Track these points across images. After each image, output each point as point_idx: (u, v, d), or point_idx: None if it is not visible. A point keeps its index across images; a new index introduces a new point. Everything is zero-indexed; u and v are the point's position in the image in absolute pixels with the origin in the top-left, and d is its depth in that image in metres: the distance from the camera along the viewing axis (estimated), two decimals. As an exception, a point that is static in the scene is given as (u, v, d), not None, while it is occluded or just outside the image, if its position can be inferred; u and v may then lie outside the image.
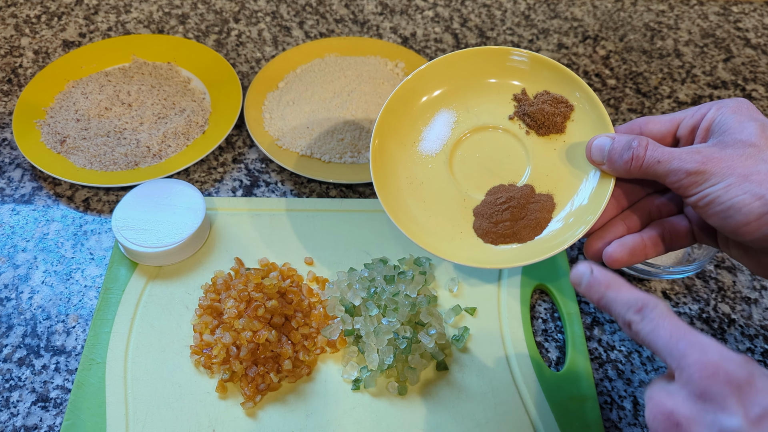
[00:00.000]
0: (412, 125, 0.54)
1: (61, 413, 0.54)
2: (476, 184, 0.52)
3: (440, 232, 0.51)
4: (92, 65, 0.81)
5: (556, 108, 0.51)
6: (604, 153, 0.45)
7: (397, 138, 0.53)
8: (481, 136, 0.53)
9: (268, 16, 0.92)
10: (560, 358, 0.58)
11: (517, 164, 0.52)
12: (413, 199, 0.52)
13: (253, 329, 0.54)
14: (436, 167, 0.53)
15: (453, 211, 0.51)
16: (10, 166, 0.72)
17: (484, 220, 0.49)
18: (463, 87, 0.54)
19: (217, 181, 0.71)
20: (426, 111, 0.54)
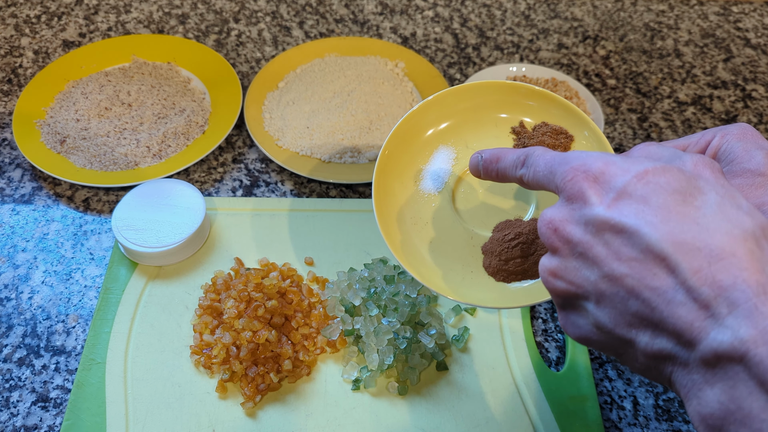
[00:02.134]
0: (412, 163, 0.53)
1: (61, 413, 0.54)
2: (482, 221, 0.50)
3: (451, 273, 0.49)
4: (92, 65, 0.81)
5: (556, 140, 0.50)
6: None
7: (399, 177, 0.52)
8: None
9: (268, 16, 0.92)
10: (560, 358, 0.58)
11: (522, 198, 0.51)
12: (420, 239, 0.50)
13: (253, 329, 0.54)
14: (440, 205, 0.51)
15: (461, 250, 0.50)
16: (10, 166, 0.72)
17: (494, 257, 0.47)
18: (461, 122, 0.53)
19: (217, 181, 0.71)
20: (425, 148, 0.53)
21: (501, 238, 0.47)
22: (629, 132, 0.79)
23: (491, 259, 0.47)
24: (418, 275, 0.48)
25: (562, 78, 0.81)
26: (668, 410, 0.56)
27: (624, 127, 0.79)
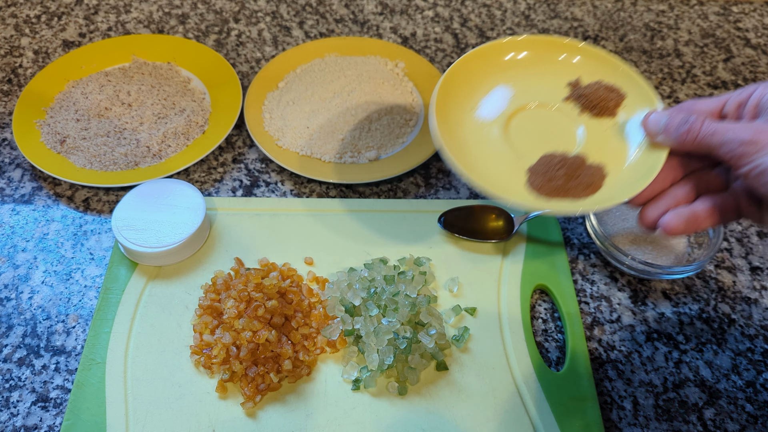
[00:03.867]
0: (471, 94, 0.58)
1: (61, 413, 0.54)
2: (531, 150, 0.54)
3: (497, 184, 0.52)
4: (92, 65, 0.81)
5: (609, 94, 0.55)
6: (660, 125, 0.48)
7: (456, 102, 0.57)
8: (536, 112, 0.57)
9: (268, 16, 0.92)
10: (560, 358, 0.58)
11: (570, 138, 0.55)
12: (469, 157, 0.54)
13: (253, 329, 0.54)
14: (492, 132, 0.56)
15: (509, 170, 0.53)
16: (10, 166, 0.72)
17: (539, 176, 0.52)
18: (522, 67, 0.59)
19: (217, 181, 0.71)
20: (485, 83, 0.58)
21: (548, 161, 0.53)
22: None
23: (536, 178, 0.52)
24: (471, 174, 0.51)
25: None
26: (668, 410, 0.56)
27: (624, 127, 0.79)
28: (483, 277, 0.62)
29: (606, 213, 0.67)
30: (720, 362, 0.59)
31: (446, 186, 0.72)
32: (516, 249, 0.64)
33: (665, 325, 0.61)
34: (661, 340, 0.60)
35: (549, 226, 0.66)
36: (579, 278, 0.64)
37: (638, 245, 0.64)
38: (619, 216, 0.67)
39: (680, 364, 0.58)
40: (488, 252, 0.64)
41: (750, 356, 0.59)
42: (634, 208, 0.53)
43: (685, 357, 0.59)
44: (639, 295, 0.63)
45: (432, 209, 0.67)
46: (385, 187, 0.71)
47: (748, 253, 0.67)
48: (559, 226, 0.66)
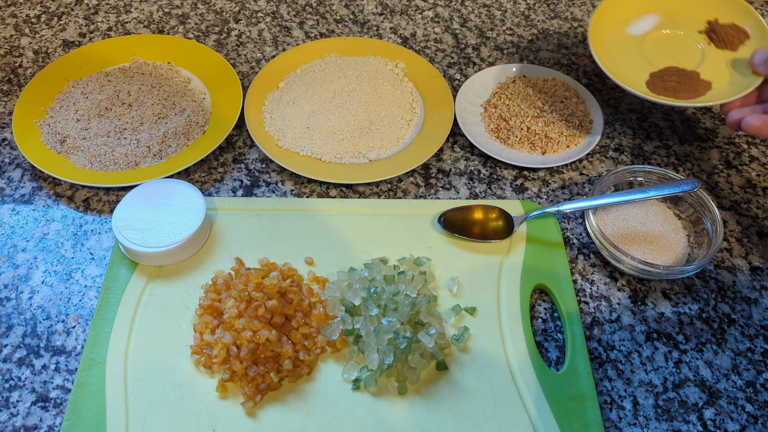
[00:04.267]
0: (626, 15, 0.77)
1: (61, 413, 0.54)
2: (658, 61, 0.74)
3: (622, 76, 0.71)
4: (92, 65, 0.81)
5: (737, 33, 0.73)
6: (762, 59, 0.65)
7: (612, 18, 0.76)
8: (672, 35, 0.76)
9: (269, 17, 0.92)
10: (560, 358, 0.58)
11: (693, 59, 0.73)
12: (609, 57, 0.73)
13: (254, 329, 0.54)
14: (634, 44, 0.75)
15: (637, 70, 0.73)
16: (10, 166, 0.72)
17: (656, 78, 0.71)
18: (669, 5, 0.77)
19: (218, 181, 0.71)
20: (640, 9, 0.77)
21: (668, 70, 0.72)
22: (629, 132, 0.79)
23: (654, 79, 0.72)
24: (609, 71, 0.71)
25: (562, 78, 0.81)
26: (668, 410, 0.56)
27: (624, 127, 0.79)
28: (483, 277, 0.62)
29: (606, 213, 0.67)
30: (720, 362, 0.59)
31: (446, 186, 0.72)
32: (516, 249, 0.64)
33: (665, 324, 0.61)
34: (661, 339, 0.60)
35: (549, 226, 0.66)
36: (579, 278, 0.64)
37: (638, 245, 0.64)
38: (619, 216, 0.67)
39: (680, 364, 0.59)
40: (488, 252, 0.64)
41: (750, 356, 0.59)
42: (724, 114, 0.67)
43: (685, 357, 0.59)
44: (639, 295, 0.63)
45: (432, 209, 0.67)
46: (385, 187, 0.71)
47: (748, 253, 0.67)
48: (558, 226, 0.66)
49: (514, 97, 0.78)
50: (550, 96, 0.78)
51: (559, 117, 0.76)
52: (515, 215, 0.66)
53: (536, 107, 0.77)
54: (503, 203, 0.68)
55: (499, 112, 0.77)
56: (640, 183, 0.68)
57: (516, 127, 0.75)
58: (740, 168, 0.75)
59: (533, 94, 0.78)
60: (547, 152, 0.74)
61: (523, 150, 0.74)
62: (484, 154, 0.75)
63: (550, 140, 0.74)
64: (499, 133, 0.75)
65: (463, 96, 0.79)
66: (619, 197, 0.63)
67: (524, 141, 0.74)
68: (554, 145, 0.74)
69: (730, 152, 0.77)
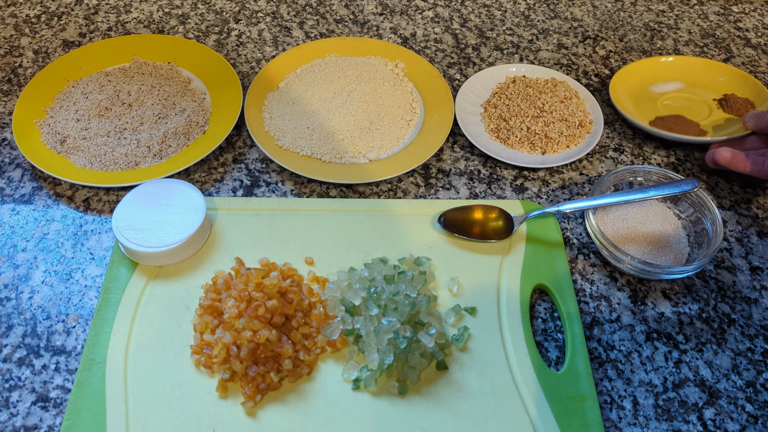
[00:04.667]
0: (656, 76, 0.85)
1: (61, 413, 0.54)
2: (668, 111, 0.81)
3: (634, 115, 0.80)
4: (92, 65, 0.81)
5: (746, 104, 0.80)
6: (750, 116, 0.72)
7: (643, 74, 0.85)
8: (689, 98, 0.83)
9: (269, 17, 0.92)
10: (560, 358, 0.58)
11: (700, 115, 0.80)
12: (629, 105, 0.82)
13: (254, 329, 0.54)
14: (652, 96, 0.83)
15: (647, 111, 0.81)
16: (10, 166, 0.72)
17: (659, 119, 0.79)
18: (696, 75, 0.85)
19: (218, 181, 0.71)
20: (668, 75, 0.85)
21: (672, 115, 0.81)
22: (629, 132, 0.79)
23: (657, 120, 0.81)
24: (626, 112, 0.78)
25: (562, 78, 0.81)
26: (668, 410, 0.56)
27: (624, 127, 0.79)
28: (483, 277, 0.62)
29: (606, 213, 0.67)
30: (720, 362, 0.59)
31: (446, 186, 0.72)
32: (516, 249, 0.64)
33: (665, 324, 0.61)
34: (661, 339, 0.60)
35: (549, 226, 0.66)
36: (578, 278, 0.64)
37: (638, 245, 0.64)
38: (619, 216, 0.67)
39: (680, 364, 0.59)
40: (488, 252, 0.64)
41: (750, 356, 0.59)
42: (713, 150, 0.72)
43: (685, 357, 0.59)
44: (638, 295, 0.63)
45: (432, 209, 0.67)
46: (385, 187, 0.71)
47: (748, 253, 0.67)
48: (558, 226, 0.66)
49: (514, 98, 0.78)
50: (550, 96, 0.78)
51: (558, 117, 0.76)
52: (515, 215, 0.66)
53: (536, 107, 0.77)
54: (503, 203, 0.68)
55: (499, 112, 0.77)
56: (640, 183, 0.68)
57: (516, 127, 0.75)
58: (740, 168, 0.75)
59: (533, 94, 0.78)
60: (547, 152, 0.74)
61: (523, 150, 0.74)
62: (484, 154, 0.75)
63: (550, 140, 0.74)
64: (499, 133, 0.76)
65: (463, 96, 0.79)
66: (619, 197, 0.64)
67: (524, 141, 0.75)
68: (554, 145, 0.74)
69: (730, 152, 0.77)
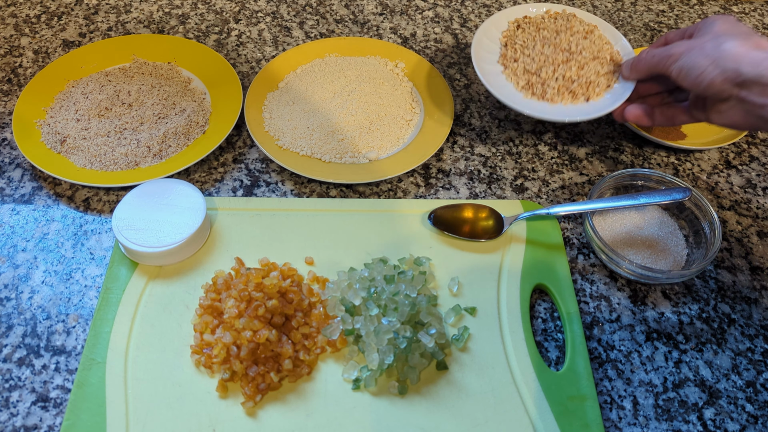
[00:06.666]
0: None
1: (61, 413, 0.54)
2: None
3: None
4: (92, 65, 0.81)
5: None
6: (628, 65, 0.68)
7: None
8: None
9: (269, 17, 0.92)
10: (560, 358, 0.58)
11: None
12: None
13: (254, 329, 0.54)
14: None
15: None
16: (10, 166, 0.72)
17: None
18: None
19: (218, 181, 0.71)
20: None
21: None
22: (629, 131, 0.79)
23: None
24: None
25: (571, 10, 0.77)
26: (668, 410, 0.56)
27: (624, 127, 0.79)
28: (483, 277, 0.62)
29: (603, 217, 0.67)
30: (720, 362, 0.59)
31: (446, 186, 0.72)
32: (516, 249, 0.64)
33: (665, 324, 0.61)
34: (661, 339, 0.60)
35: (549, 226, 0.66)
36: (578, 278, 0.64)
37: (636, 249, 0.64)
38: (617, 220, 0.67)
39: (680, 364, 0.59)
40: (488, 251, 0.64)
41: (750, 356, 0.59)
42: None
43: (685, 357, 0.59)
44: (638, 295, 0.63)
45: (432, 209, 0.67)
46: (385, 187, 0.71)
47: (748, 253, 0.67)
48: (558, 226, 0.66)
49: (532, 45, 0.71)
50: (569, 34, 0.71)
51: (590, 56, 0.69)
52: (506, 215, 0.65)
53: (562, 50, 0.69)
54: (502, 203, 0.68)
55: (523, 66, 0.70)
56: (641, 185, 0.68)
57: (549, 78, 0.69)
58: (740, 168, 0.75)
59: (550, 36, 0.71)
60: (591, 98, 0.68)
61: (566, 102, 0.68)
62: (483, 154, 0.75)
63: (590, 83, 0.68)
64: (533, 89, 0.69)
65: (480, 56, 0.72)
66: (611, 203, 0.63)
67: (563, 91, 0.69)
68: (595, 88, 0.68)
69: (730, 152, 0.77)
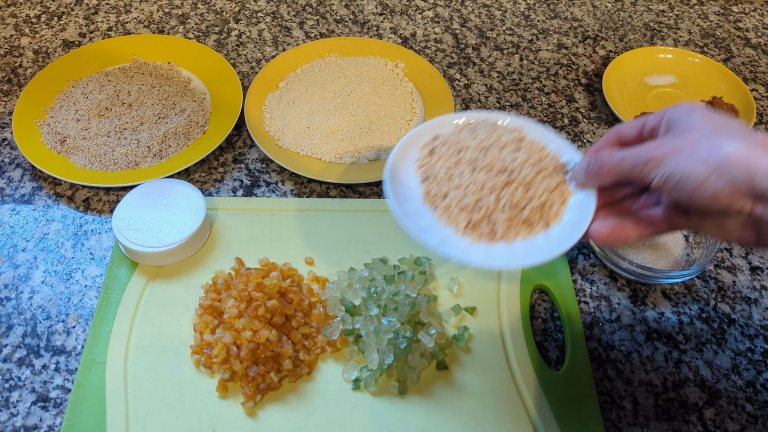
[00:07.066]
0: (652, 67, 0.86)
1: (61, 413, 0.54)
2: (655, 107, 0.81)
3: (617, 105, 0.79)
4: (92, 65, 0.81)
5: (730, 111, 0.79)
6: (582, 172, 0.50)
7: (640, 64, 0.86)
8: (678, 95, 0.84)
9: (269, 17, 0.92)
10: (560, 358, 0.58)
11: None
12: None
13: (254, 329, 0.54)
14: (644, 88, 0.84)
15: (635, 105, 0.81)
16: (10, 166, 0.72)
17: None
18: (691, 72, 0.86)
19: (218, 181, 0.71)
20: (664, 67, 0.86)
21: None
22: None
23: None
24: None
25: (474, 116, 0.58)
26: (668, 410, 0.56)
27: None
28: (483, 277, 0.62)
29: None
30: (720, 362, 0.59)
31: (446, 186, 0.72)
32: (516, 249, 0.64)
33: (665, 324, 0.61)
34: (661, 339, 0.60)
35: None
36: (578, 278, 0.64)
37: (636, 249, 0.64)
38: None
39: (680, 364, 0.59)
40: (488, 252, 0.64)
41: (750, 356, 0.59)
42: None
43: (685, 357, 0.59)
44: (638, 295, 0.63)
45: (432, 209, 0.67)
46: (385, 187, 0.71)
47: (748, 253, 0.67)
48: (559, 226, 0.66)
49: (459, 173, 0.52)
50: (499, 149, 0.53)
51: (533, 170, 0.52)
52: None
53: (498, 171, 0.52)
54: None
55: (456, 202, 0.51)
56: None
57: (494, 210, 0.50)
58: (740, 168, 0.75)
59: (476, 156, 0.53)
60: (550, 222, 0.51)
61: (524, 235, 0.51)
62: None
63: (544, 204, 0.51)
64: (478, 229, 0.51)
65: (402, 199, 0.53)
66: None
67: (516, 223, 0.51)
68: (552, 208, 0.51)
69: (730, 152, 0.77)
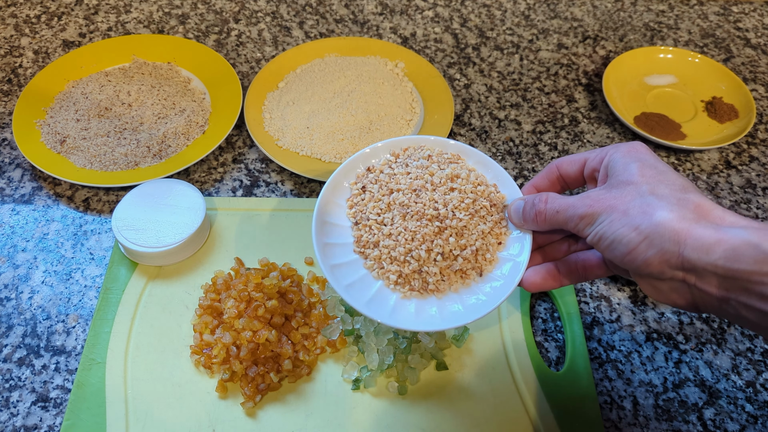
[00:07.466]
0: (652, 67, 0.86)
1: (61, 413, 0.54)
2: (655, 107, 0.82)
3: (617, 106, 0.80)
4: (92, 65, 0.81)
5: (730, 111, 0.80)
6: (519, 215, 0.49)
7: (640, 63, 0.86)
8: (678, 95, 0.83)
9: (268, 16, 0.92)
10: (560, 358, 0.58)
11: (684, 116, 0.80)
12: None
13: (253, 329, 0.54)
14: (644, 88, 0.84)
15: (635, 105, 0.82)
16: (10, 166, 0.72)
17: (645, 116, 0.79)
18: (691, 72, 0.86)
19: (217, 181, 0.71)
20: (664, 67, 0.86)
21: (657, 113, 0.81)
22: (629, 131, 0.79)
23: (642, 116, 0.81)
24: None
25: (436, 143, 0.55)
26: (668, 410, 0.56)
27: (624, 127, 0.79)
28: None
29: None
30: (720, 362, 0.59)
31: (446, 186, 0.72)
32: (516, 249, 0.64)
33: (665, 325, 0.61)
34: (661, 340, 0.60)
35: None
36: (579, 278, 0.64)
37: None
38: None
39: (680, 364, 0.59)
40: (488, 252, 0.64)
41: (750, 356, 0.59)
42: None
43: (685, 357, 0.59)
44: (639, 295, 0.63)
45: (432, 209, 0.67)
46: (385, 187, 0.71)
47: (748, 253, 0.67)
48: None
49: (390, 219, 0.50)
50: (432, 190, 0.51)
51: (467, 214, 0.49)
52: None
53: (429, 218, 0.49)
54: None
55: (388, 253, 0.49)
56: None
57: (425, 262, 0.48)
58: (740, 168, 0.75)
59: (407, 199, 0.50)
60: (484, 270, 0.49)
61: (457, 287, 0.49)
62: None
63: (478, 251, 0.49)
64: (409, 283, 0.49)
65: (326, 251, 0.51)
66: None
67: (449, 274, 0.49)
68: (485, 254, 0.49)
69: (730, 152, 0.77)
